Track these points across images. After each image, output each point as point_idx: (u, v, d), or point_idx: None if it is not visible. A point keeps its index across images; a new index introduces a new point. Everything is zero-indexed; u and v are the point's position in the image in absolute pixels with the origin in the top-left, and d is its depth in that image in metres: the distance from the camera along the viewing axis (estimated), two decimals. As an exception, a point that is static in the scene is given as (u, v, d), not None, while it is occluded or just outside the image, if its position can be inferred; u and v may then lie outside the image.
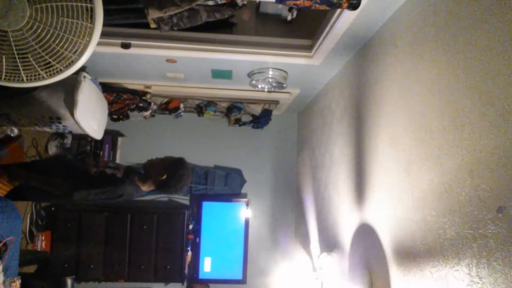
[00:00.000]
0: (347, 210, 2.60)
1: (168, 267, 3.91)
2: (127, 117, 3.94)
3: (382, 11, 2.12)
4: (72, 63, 1.85)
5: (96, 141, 4.03)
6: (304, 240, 3.83)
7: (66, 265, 3.77)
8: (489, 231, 1.26)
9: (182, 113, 4.19)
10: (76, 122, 2.67)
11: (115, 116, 3.86)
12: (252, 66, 3.03)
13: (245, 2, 2.44)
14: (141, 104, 3.82)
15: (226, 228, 4.30)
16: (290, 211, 4.49)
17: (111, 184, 2.09)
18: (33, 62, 1.77)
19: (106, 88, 3.58)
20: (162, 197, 4.36)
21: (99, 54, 2.77)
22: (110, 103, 3.67)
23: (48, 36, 1.72)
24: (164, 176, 2.11)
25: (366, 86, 2.45)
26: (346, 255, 2.51)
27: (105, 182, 2.09)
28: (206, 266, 4.18)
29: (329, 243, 2.95)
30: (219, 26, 2.79)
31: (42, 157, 3.70)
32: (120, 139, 4.28)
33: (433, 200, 1.58)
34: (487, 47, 1.35)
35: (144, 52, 2.79)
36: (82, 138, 4.08)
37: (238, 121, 4.37)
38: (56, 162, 2.48)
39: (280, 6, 2.86)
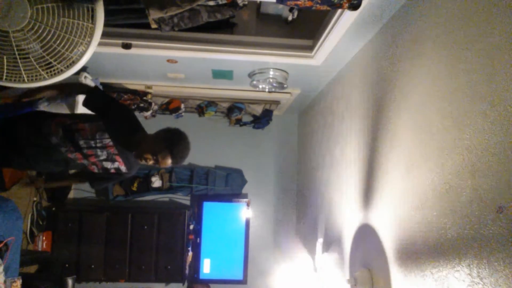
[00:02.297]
0: (348, 210, 2.60)
1: (169, 267, 3.91)
2: (128, 117, 3.94)
3: (383, 12, 2.12)
4: (73, 63, 1.85)
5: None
6: (305, 240, 3.83)
7: (66, 265, 3.77)
8: (490, 231, 1.26)
9: (183, 114, 4.19)
10: (77, 122, 2.67)
11: (116, 116, 3.86)
12: (253, 66, 3.03)
13: (246, 3, 2.44)
14: (142, 105, 3.83)
15: (227, 229, 4.31)
16: (290, 211, 4.49)
17: (121, 175, 2.18)
18: (34, 63, 1.78)
19: (107, 88, 3.58)
20: (163, 197, 4.36)
21: (100, 55, 2.77)
22: (111, 103, 3.68)
23: (49, 36, 1.72)
24: (164, 151, 1.98)
25: (366, 86, 2.45)
26: (347, 255, 2.50)
27: (115, 176, 2.18)
28: (206, 268, 4.18)
29: (330, 243, 2.95)
30: (219, 27, 2.79)
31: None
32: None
33: (434, 200, 1.58)
34: (488, 46, 1.34)
35: (145, 52, 2.79)
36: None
37: (239, 121, 4.37)
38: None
39: (281, 6, 2.86)
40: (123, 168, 2.13)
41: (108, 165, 2.10)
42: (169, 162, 2.00)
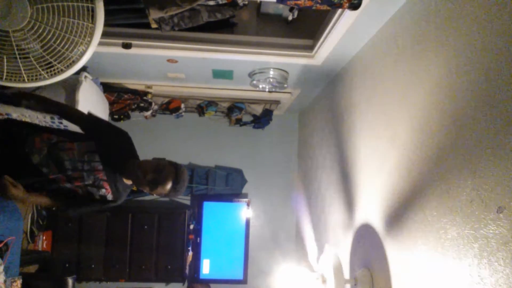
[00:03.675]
0: (348, 210, 2.60)
1: (169, 267, 3.91)
2: (128, 117, 3.95)
3: (383, 12, 2.12)
4: (73, 63, 1.85)
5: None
6: (305, 240, 3.83)
7: (67, 265, 3.78)
8: (490, 231, 1.26)
9: (183, 113, 4.19)
10: (77, 122, 2.67)
11: (116, 116, 3.86)
12: (253, 66, 3.02)
13: (246, 2, 2.44)
14: (142, 104, 3.83)
15: (227, 228, 4.31)
16: (290, 211, 4.49)
17: (103, 203, 1.94)
18: (34, 62, 1.78)
19: (107, 88, 3.58)
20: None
21: (100, 54, 2.76)
22: (111, 103, 3.68)
23: (49, 36, 1.72)
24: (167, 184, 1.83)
25: (366, 86, 2.45)
26: (347, 254, 2.50)
27: (97, 203, 1.93)
28: (205, 268, 4.18)
29: (330, 243, 2.95)
30: (220, 26, 2.79)
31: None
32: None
33: (434, 200, 1.58)
34: (488, 47, 1.34)
35: (145, 52, 2.79)
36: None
37: (239, 121, 4.37)
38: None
39: (281, 6, 2.86)
40: (109, 197, 1.93)
41: (93, 191, 1.89)
42: (167, 190, 1.84)
